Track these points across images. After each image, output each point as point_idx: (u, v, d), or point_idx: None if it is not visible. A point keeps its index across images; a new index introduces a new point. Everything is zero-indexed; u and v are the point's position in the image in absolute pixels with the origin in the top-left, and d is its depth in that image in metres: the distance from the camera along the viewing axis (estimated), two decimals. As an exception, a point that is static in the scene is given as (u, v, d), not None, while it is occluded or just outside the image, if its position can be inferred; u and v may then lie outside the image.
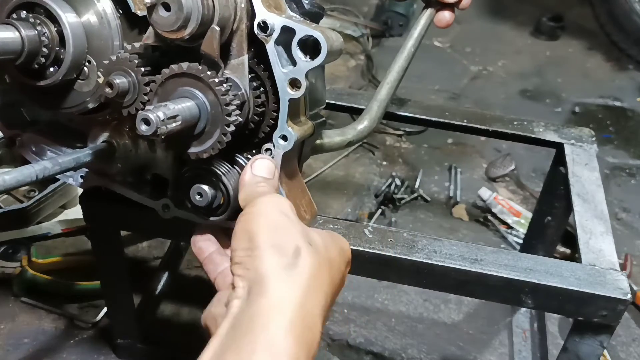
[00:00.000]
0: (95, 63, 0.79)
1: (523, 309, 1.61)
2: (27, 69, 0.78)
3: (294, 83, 0.75)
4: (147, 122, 0.65)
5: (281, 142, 0.79)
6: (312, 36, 0.73)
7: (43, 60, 0.76)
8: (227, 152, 0.78)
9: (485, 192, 2.04)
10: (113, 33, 0.78)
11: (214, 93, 0.72)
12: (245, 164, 0.80)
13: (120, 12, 0.79)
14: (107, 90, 0.73)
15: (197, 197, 0.80)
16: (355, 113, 1.48)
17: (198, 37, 0.73)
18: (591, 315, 0.94)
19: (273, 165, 0.76)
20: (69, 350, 1.45)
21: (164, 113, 0.66)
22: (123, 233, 1.30)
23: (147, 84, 0.75)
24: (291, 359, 0.55)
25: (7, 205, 1.64)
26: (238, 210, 0.70)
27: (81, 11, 0.77)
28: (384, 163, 2.22)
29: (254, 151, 0.83)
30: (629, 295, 0.91)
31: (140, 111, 0.66)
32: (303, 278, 0.60)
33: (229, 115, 0.72)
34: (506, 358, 1.54)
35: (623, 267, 1.77)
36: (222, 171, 0.80)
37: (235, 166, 0.81)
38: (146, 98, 0.75)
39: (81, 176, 0.95)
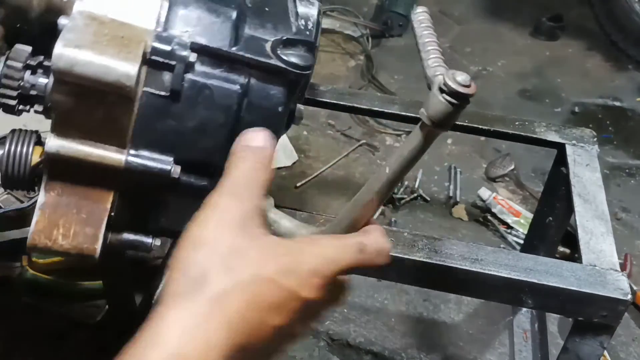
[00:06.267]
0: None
1: (524, 309, 1.61)
2: None
3: None
4: None
5: None
6: None
7: None
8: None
9: (485, 192, 2.04)
10: None
11: None
12: None
13: None
14: None
15: None
16: (357, 113, 1.48)
17: None
18: (591, 316, 0.94)
19: (268, 134, 0.60)
20: (69, 350, 1.45)
21: None
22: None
23: None
24: None
25: (7, 205, 1.64)
26: None
27: None
28: (384, 163, 2.22)
29: None
30: (629, 296, 0.91)
31: None
32: (196, 310, 0.48)
33: None
34: (506, 358, 1.55)
35: (623, 267, 1.77)
36: None
37: None
38: None
39: None
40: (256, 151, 0.58)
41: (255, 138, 0.59)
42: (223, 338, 0.47)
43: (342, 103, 1.36)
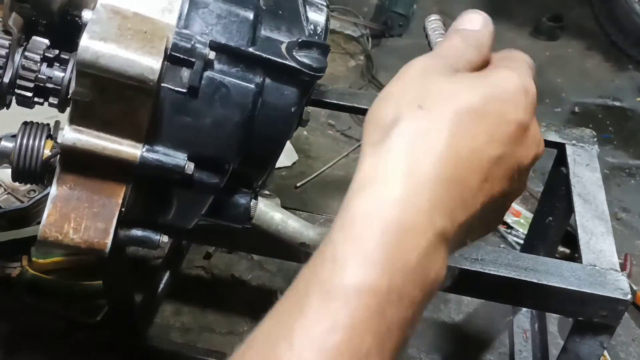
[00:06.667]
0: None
1: (524, 309, 1.61)
2: None
3: None
4: None
5: None
6: None
7: None
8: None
9: (485, 192, 2.03)
10: None
11: None
12: None
13: None
14: None
15: None
16: (357, 113, 1.48)
17: None
18: (591, 316, 0.94)
19: (484, 18, 0.60)
20: (69, 350, 1.45)
21: None
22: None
23: None
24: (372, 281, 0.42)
25: (7, 205, 1.64)
26: None
27: None
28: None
29: None
30: (629, 296, 0.91)
31: None
32: (389, 155, 0.45)
33: None
34: (506, 358, 1.55)
35: (623, 267, 1.77)
36: None
37: None
38: None
39: None
40: (467, 32, 0.58)
41: (470, 20, 0.59)
42: (430, 172, 0.45)
43: (342, 103, 1.36)
